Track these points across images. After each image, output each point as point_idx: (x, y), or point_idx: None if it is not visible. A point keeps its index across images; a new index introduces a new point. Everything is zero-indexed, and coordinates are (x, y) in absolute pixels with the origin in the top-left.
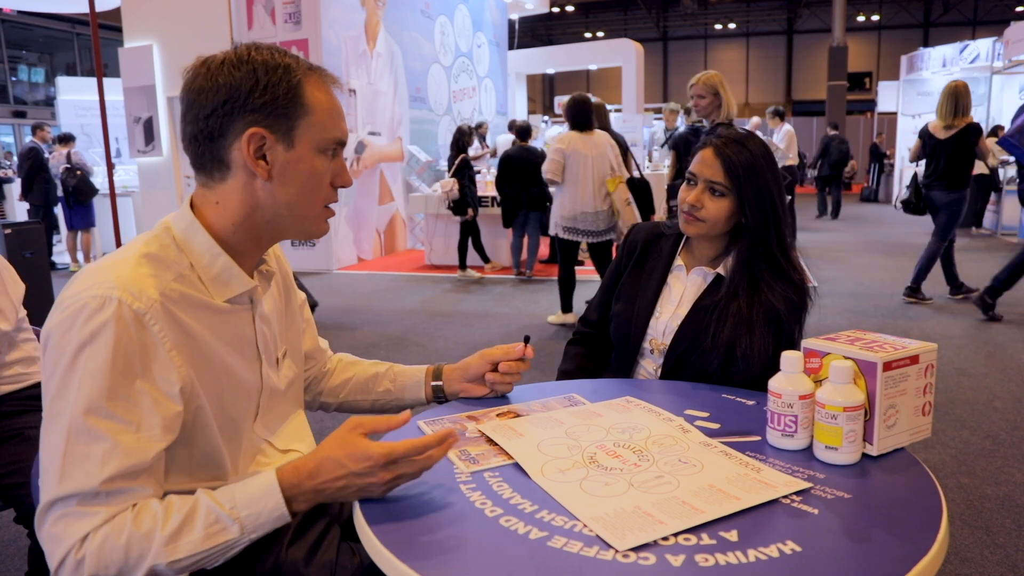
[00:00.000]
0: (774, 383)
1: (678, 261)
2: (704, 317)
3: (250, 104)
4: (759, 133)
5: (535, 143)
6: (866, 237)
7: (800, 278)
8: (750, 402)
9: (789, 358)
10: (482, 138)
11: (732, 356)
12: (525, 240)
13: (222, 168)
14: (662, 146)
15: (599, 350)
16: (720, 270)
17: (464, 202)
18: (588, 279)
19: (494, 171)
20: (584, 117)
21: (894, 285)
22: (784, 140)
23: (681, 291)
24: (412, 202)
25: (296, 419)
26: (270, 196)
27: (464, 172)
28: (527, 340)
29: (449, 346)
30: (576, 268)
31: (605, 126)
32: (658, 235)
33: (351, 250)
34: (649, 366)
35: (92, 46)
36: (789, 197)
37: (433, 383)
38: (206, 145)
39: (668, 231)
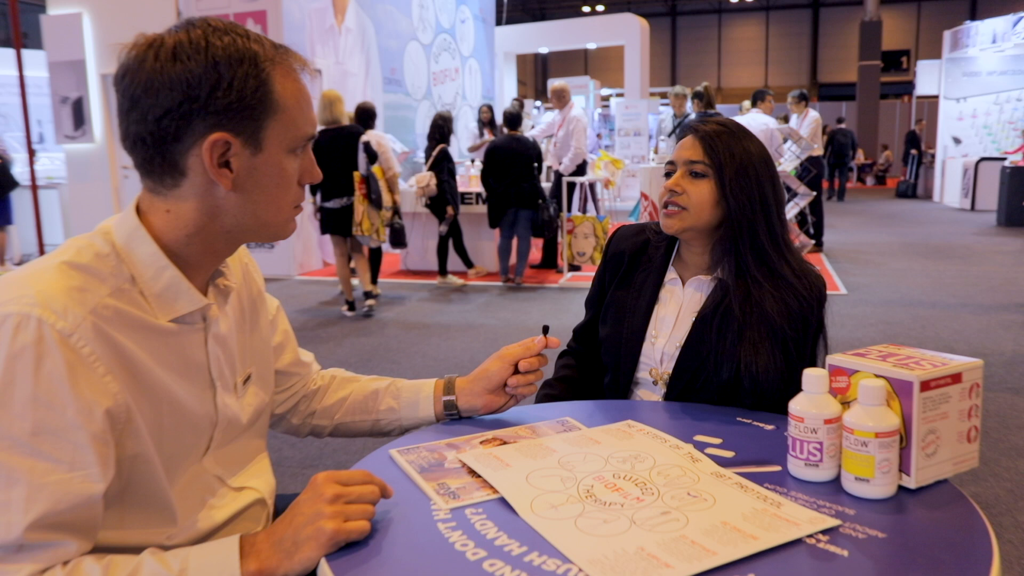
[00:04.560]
0: (795, 405)
1: (671, 274)
2: (707, 335)
3: (212, 105)
4: (772, 121)
5: (529, 132)
6: (903, 238)
7: (799, 275)
8: (769, 426)
9: (812, 377)
10: (487, 124)
11: (739, 377)
12: (514, 242)
13: (175, 174)
14: (669, 135)
15: (589, 366)
16: (720, 275)
17: (443, 199)
18: (580, 285)
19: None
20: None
21: (936, 292)
22: (809, 128)
23: (677, 308)
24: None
25: (257, 455)
26: (233, 205)
27: (443, 165)
28: (546, 331)
29: (427, 363)
30: (574, 275)
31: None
32: (645, 242)
33: (315, 253)
34: (649, 397)
35: (9, 12)
36: (814, 193)
37: (445, 398)
38: (156, 149)
39: (655, 236)
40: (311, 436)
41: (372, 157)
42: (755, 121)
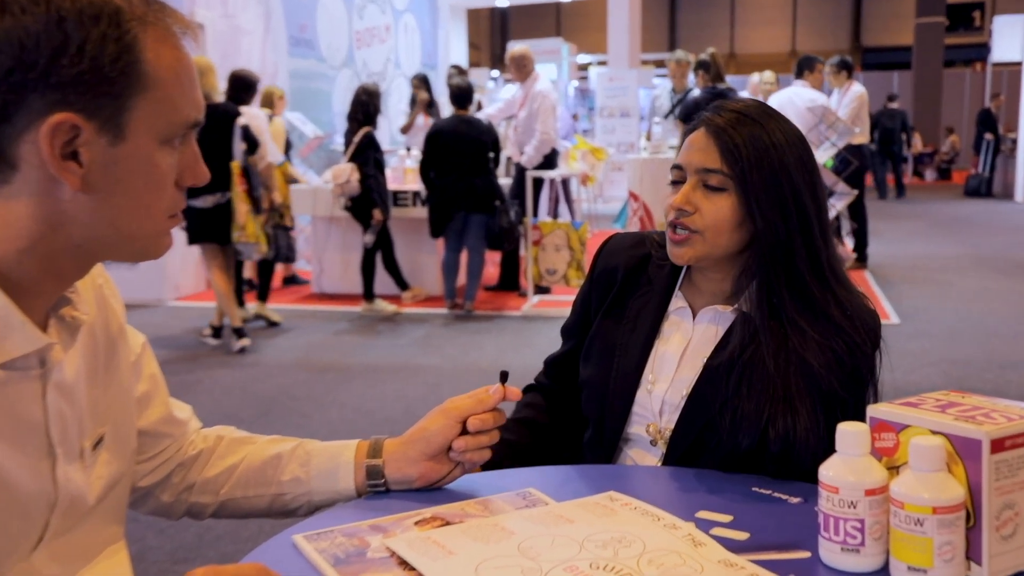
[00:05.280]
0: (828, 471)
1: (678, 301)
2: (722, 384)
3: (55, 75)
4: (822, 98)
5: (481, 112)
6: (974, 249)
7: (850, 315)
8: (794, 499)
9: (848, 433)
10: (425, 105)
11: (766, 441)
12: (463, 257)
13: (2, 167)
14: (666, 116)
15: (560, 410)
16: (743, 307)
17: (368, 199)
18: (550, 313)
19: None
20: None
21: (1018, 322)
22: (851, 107)
23: (682, 346)
24: (293, 198)
25: (110, 547)
26: (84, 211)
27: (368, 154)
28: (504, 378)
29: (346, 416)
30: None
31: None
32: (644, 258)
33: (196, 272)
34: (643, 460)
35: None
36: (856, 192)
37: (369, 463)
38: None
39: (658, 252)
40: (188, 518)
41: (252, 145)
42: (800, 97)
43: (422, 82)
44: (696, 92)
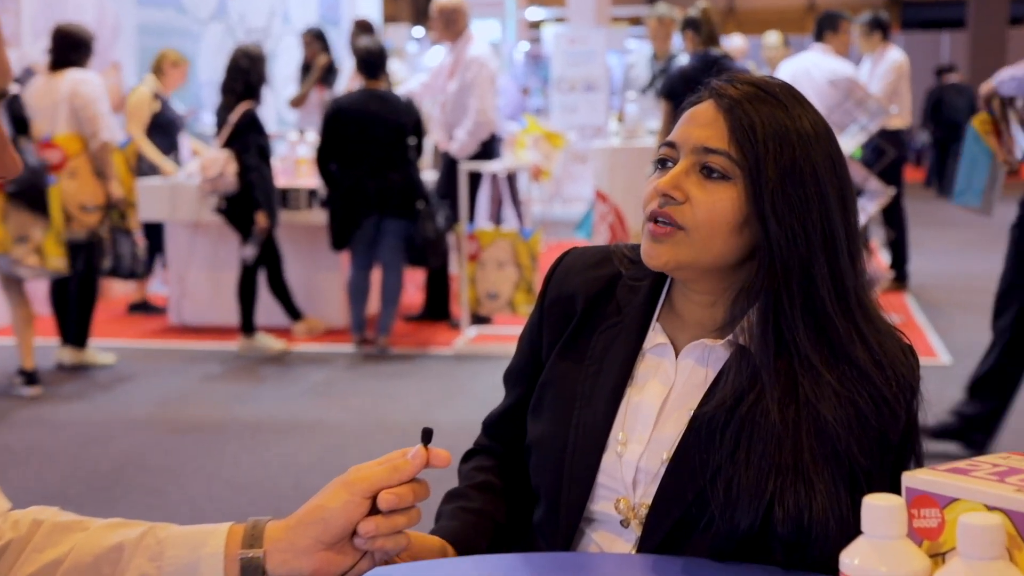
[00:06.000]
0: (852, 559)
1: (657, 336)
2: (714, 445)
3: None
4: (848, 68)
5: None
6: None
7: (880, 359)
8: None
9: (878, 509)
10: (320, 77)
11: (771, 521)
12: (376, 276)
13: None
14: (644, 90)
15: (513, 477)
16: (740, 340)
17: (248, 199)
18: (491, 351)
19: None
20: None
21: None
22: (887, 79)
23: (662, 395)
24: (143, 197)
25: None
26: None
27: (248, 139)
28: (427, 437)
29: (215, 491)
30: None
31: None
32: (612, 279)
33: (3, 299)
34: (613, 546)
35: None
36: (894, 189)
37: (243, 554)
38: None
39: (630, 269)
40: None
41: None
42: (819, 68)
43: (317, 39)
44: (683, 59)
